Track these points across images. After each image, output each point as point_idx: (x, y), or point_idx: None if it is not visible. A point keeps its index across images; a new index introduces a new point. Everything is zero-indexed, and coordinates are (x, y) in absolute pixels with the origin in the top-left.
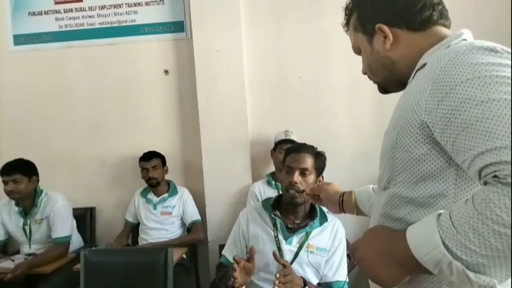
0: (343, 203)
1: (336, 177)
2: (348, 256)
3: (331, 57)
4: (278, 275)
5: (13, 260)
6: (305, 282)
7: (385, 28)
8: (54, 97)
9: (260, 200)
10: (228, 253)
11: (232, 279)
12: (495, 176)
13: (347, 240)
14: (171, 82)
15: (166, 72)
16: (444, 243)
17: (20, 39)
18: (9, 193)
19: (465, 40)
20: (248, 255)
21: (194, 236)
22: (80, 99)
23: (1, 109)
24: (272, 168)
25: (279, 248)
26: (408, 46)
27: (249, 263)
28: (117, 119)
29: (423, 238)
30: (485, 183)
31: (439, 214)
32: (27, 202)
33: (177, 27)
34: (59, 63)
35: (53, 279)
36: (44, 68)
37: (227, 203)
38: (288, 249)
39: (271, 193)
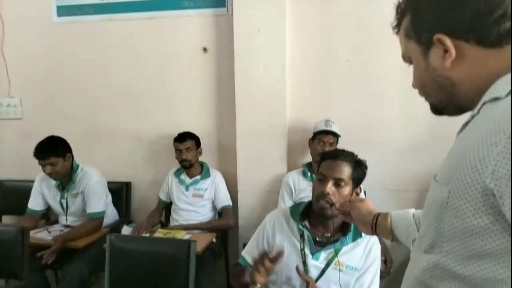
0: (377, 226)
1: (380, 171)
2: (384, 262)
3: (384, 40)
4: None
5: (49, 232)
6: None
7: (447, 41)
8: (94, 70)
9: (293, 192)
10: (248, 255)
11: (250, 274)
12: None
13: (383, 244)
14: (210, 60)
15: (205, 49)
16: None
17: (63, 10)
18: (49, 175)
19: None
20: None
21: (224, 222)
22: (119, 73)
23: (44, 80)
24: (309, 158)
25: (304, 263)
26: (475, 65)
27: (272, 264)
28: (154, 95)
29: None
30: None
31: None
32: (65, 178)
33: (219, 2)
34: (99, 35)
35: (85, 253)
36: (85, 40)
37: (259, 190)
38: (314, 265)
39: (306, 185)
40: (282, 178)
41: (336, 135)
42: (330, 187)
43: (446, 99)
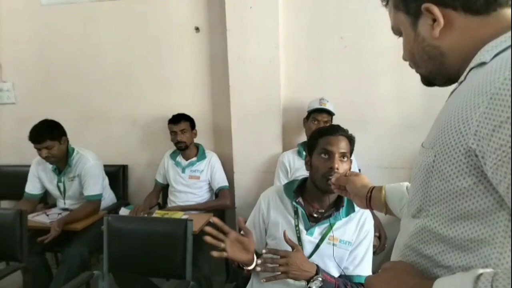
0: (371, 199)
1: (375, 149)
2: (378, 237)
3: (379, 16)
4: (264, 251)
5: (48, 215)
6: (318, 270)
7: (435, 9)
8: (86, 52)
9: (289, 171)
10: None
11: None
12: None
13: (377, 221)
14: (202, 40)
15: (197, 29)
16: None
17: None
18: (45, 159)
19: None
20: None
21: (221, 202)
22: (111, 55)
23: (36, 63)
24: (304, 138)
25: (299, 239)
26: (463, 34)
27: (244, 237)
28: (147, 76)
29: None
30: None
31: (478, 277)
32: (61, 162)
33: None
34: (89, 16)
35: (84, 235)
36: (75, 21)
37: (255, 170)
38: (309, 240)
39: (301, 164)
40: (277, 158)
41: (330, 113)
42: (337, 161)
43: (436, 69)
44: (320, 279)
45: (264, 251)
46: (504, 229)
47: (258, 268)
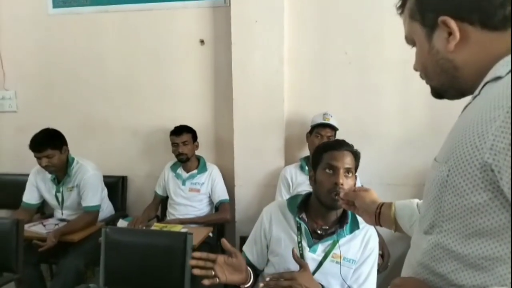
0: (381, 216)
1: (378, 165)
2: (381, 256)
3: (384, 32)
4: (267, 279)
5: (44, 225)
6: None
7: (452, 23)
8: (89, 62)
9: (291, 186)
10: (248, 250)
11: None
12: None
13: (381, 238)
14: (207, 53)
15: (202, 42)
16: None
17: (58, 2)
18: (45, 168)
19: None
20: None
21: (221, 216)
22: (114, 65)
23: (39, 72)
24: (306, 152)
25: (302, 256)
26: (479, 48)
27: (232, 258)
28: (150, 88)
29: None
30: None
31: None
32: (60, 171)
33: None
34: (95, 27)
35: (80, 247)
36: (81, 32)
37: (257, 184)
38: (312, 258)
39: (304, 179)
40: (279, 172)
41: (334, 128)
42: (342, 177)
43: (448, 82)
44: None
45: (267, 279)
46: None
47: None
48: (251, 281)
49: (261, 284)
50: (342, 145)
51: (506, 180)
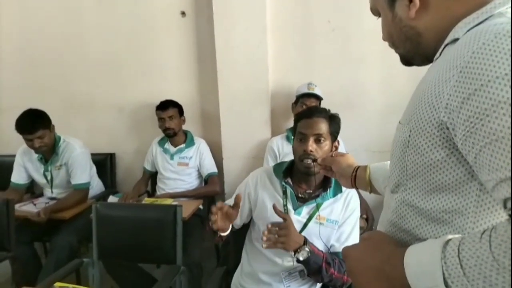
0: (356, 179)
1: (363, 133)
2: (366, 219)
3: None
4: (269, 225)
5: (35, 204)
6: (305, 241)
7: None
8: (69, 39)
9: (278, 156)
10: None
11: (209, 221)
12: None
13: (365, 203)
14: (188, 25)
15: (183, 13)
16: (446, 283)
17: None
18: (36, 150)
19: None
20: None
21: (210, 189)
22: (95, 41)
23: (17, 51)
24: (292, 123)
25: None
26: (438, 13)
27: (233, 210)
28: (133, 62)
29: (423, 269)
30: (510, 216)
31: (447, 242)
32: (48, 150)
33: None
34: (72, 2)
35: (73, 224)
36: (58, 7)
37: (244, 156)
38: (297, 220)
39: (290, 149)
40: (266, 144)
41: (318, 98)
42: (311, 144)
43: (413, 49)
44: (307, 249)
45: (269, 225)
46: (476, 199)
47: (265, 245)
48: (228, 232)
49: (264, 238)
50: (313, 112)
51: (460, 136)
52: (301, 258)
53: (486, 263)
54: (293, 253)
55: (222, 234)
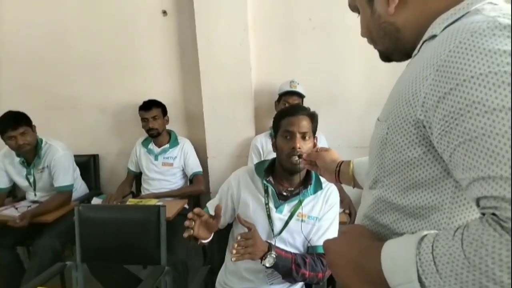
0: (340, 173)
1: (346, 129)
2: (349, 214)
3: None
4: (239, 237)
5: (16, 208)
6: (270, 247)
7: None
8: (50, 38)
9: (262, 154)
10: (211, 208)
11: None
12: (494, 214)
13: (348, 199)
14: (170, 24)
15: (164, 12)
16: (420, 280)
17: None
18: (20, 147)
19: (492, 4)
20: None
21: (195, 188)
22: (76, 40)
23: None
24: None
25: (269, 216)
26: (417, 9)
27: (213, 220)
28: (115, 63)
29: (398, 264)
30: (483, 215)
31: (422, 238)
32: (30, 152)
33: None
34: (53, 1)
35: (56, 227)
36: (39, 5)
37: (229, 155)
38: (278, 218)
39: None
40: (250, 142)
41: (301, 96)
42: (299, 141)
43: (392, 45)
44: (274, 255)
45: (238, 237)
46: (452, 195)
47: (234, 258)
48: (209, 239)
49: (234, 251)
50: (297, 110)
51: (435, 135)
52: (267, 265)
53: (458, 260)
54: (260, 260)
55: (203, 241)
